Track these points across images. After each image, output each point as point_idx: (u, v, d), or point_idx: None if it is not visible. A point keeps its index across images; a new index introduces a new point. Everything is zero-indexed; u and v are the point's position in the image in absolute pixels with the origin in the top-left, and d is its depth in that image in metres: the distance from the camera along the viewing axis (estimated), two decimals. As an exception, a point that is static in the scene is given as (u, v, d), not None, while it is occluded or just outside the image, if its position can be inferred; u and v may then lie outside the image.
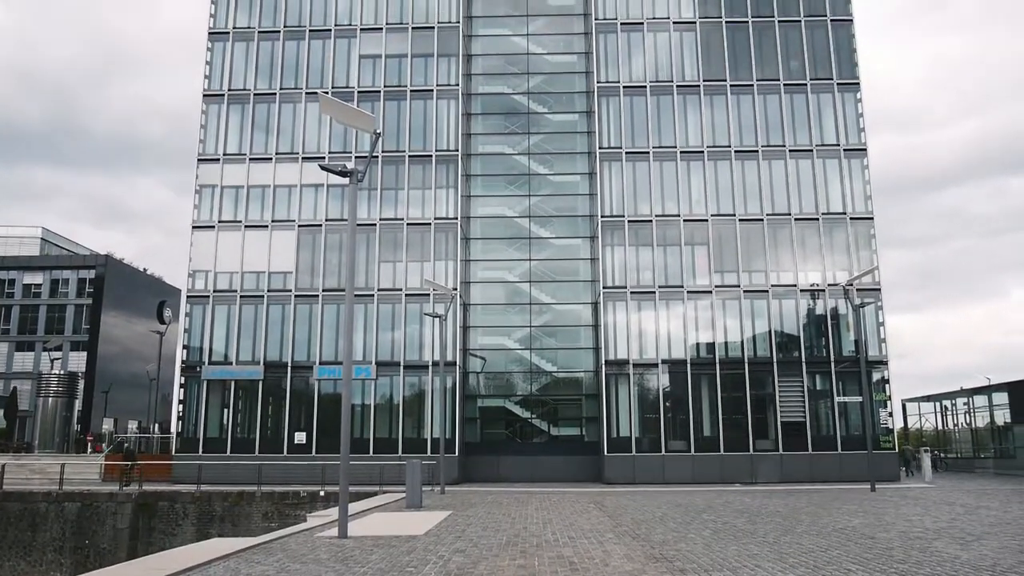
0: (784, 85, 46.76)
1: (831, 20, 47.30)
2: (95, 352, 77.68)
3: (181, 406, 45.29)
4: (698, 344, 44.35)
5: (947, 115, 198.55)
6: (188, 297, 46.22)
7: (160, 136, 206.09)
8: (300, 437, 43.85)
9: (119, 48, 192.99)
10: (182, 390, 45.30)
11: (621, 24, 48.14)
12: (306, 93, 47.77)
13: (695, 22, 47.88)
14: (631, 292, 44.77)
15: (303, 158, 46.96)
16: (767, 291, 44.48)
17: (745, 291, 44.52)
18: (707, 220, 45.36)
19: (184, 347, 45.69)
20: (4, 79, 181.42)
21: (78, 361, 76.65)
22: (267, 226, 46.44)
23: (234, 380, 44.97)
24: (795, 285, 44.53)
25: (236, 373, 44.89)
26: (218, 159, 47.34)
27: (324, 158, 46.24)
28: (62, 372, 60.90)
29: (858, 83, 46.58)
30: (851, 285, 37.06)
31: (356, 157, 46.15)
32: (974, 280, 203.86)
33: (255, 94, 48.09)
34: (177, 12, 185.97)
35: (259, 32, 48.82)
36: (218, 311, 45.56)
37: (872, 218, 44.95)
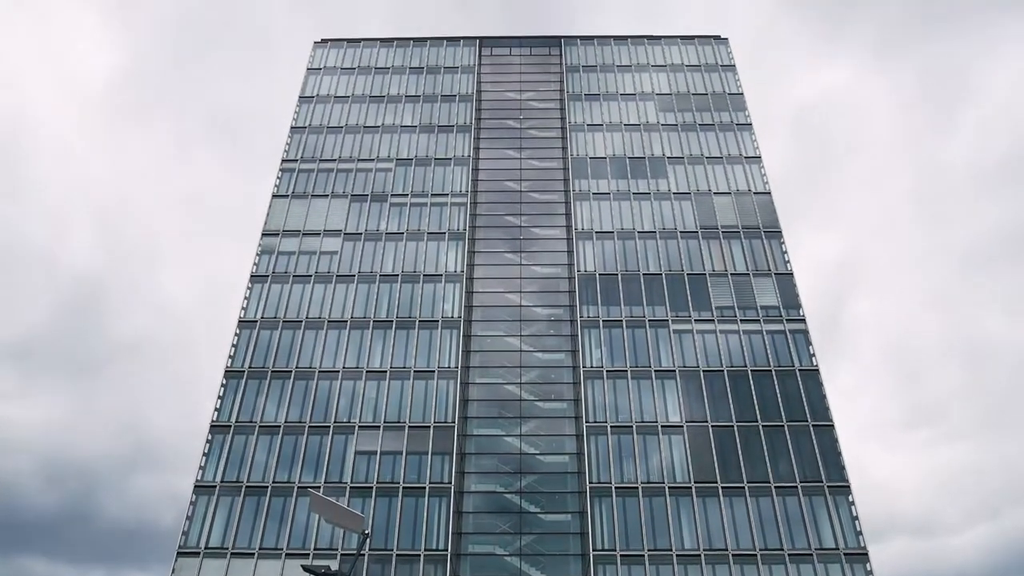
0: (775, 488, 47.04)
1: (813, 425, 49.19)
2: None
3: None
4: None
5: (957, 521, 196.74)
6: None
7: (168, 528, 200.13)
8: None
9: (149, 438, 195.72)
10: None
11: (611, 427, 49.89)
12: (298, 487, 47.67)
13: (682, 426, 49.71)
14: None
15: (287, 554, 45.28)
16: None
17: None
18: (711, 629, 42.52)
19: None
20: (32, 470, 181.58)
21: None
22: (238, 629, 43.20)
23: None
24: None
25: None
26: (199, 552, 45.54)
27: (309, 555, 44.65)
28: None
29: (848, 486, 46.88)
30: None
31: (342, 555, 44.64)
32: None
33: (247, 486, 47.91)
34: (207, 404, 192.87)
35: (260, 426, 50.23)
36: None
37: (886, 630, 42.27)
